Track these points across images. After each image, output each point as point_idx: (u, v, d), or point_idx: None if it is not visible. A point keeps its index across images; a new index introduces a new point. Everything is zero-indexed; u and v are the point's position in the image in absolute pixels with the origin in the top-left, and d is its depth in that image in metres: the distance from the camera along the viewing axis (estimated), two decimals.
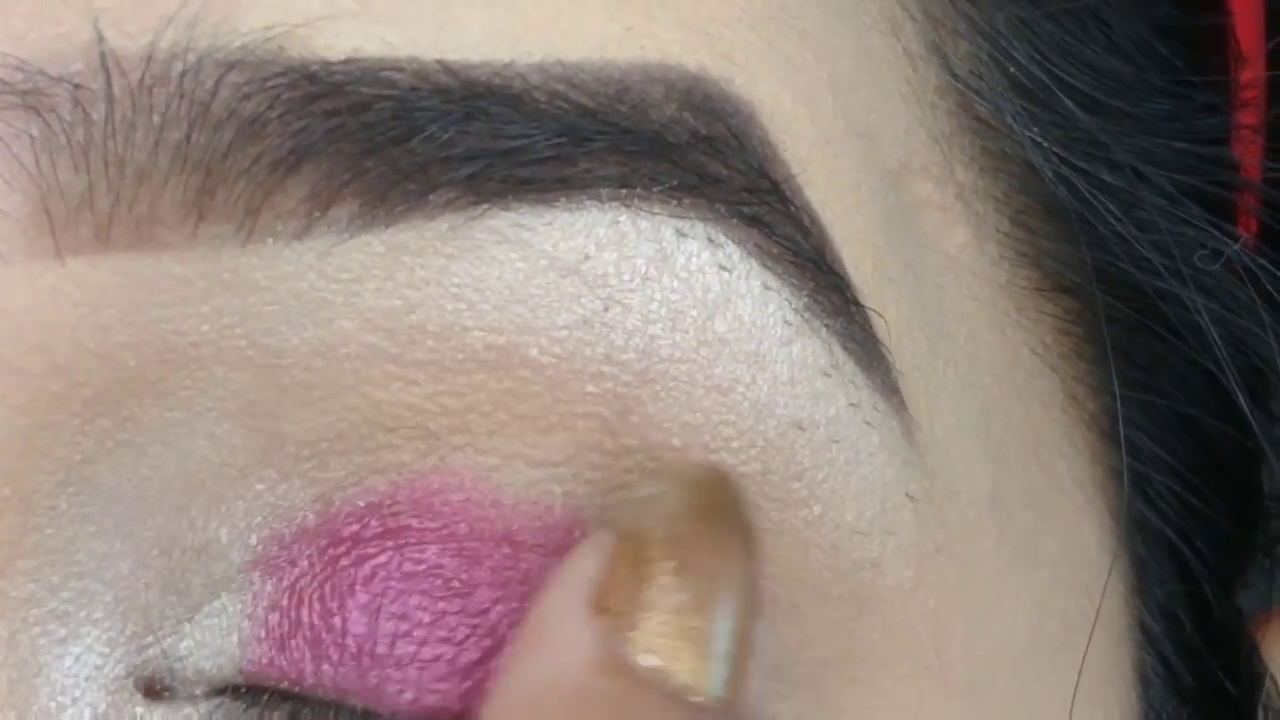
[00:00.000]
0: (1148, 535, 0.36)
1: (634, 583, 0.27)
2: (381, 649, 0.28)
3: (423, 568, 0.28)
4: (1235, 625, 0.37)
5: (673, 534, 0.27)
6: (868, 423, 0.30)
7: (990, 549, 0.32)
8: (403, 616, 0.28)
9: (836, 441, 0.30)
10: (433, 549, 0.28)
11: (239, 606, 0.28)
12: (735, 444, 0.29)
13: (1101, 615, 0.34)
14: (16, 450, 0.27)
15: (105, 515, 0.28)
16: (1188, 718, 0.37)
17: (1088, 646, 0.33)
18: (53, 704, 0.28)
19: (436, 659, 0.28)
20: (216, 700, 0.28)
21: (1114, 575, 0.35)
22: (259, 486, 0.28)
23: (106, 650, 0.28)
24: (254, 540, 0.28)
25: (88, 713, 0.28)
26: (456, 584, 0.28)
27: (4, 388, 0.27)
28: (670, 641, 0.27)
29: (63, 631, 0.28)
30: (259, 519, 0.28)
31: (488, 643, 0.28)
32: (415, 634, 0.28)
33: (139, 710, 0.28)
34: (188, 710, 0.28)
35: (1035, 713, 0.33)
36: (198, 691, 0.28)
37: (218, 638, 0.28)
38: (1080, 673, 0.33)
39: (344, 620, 0.28)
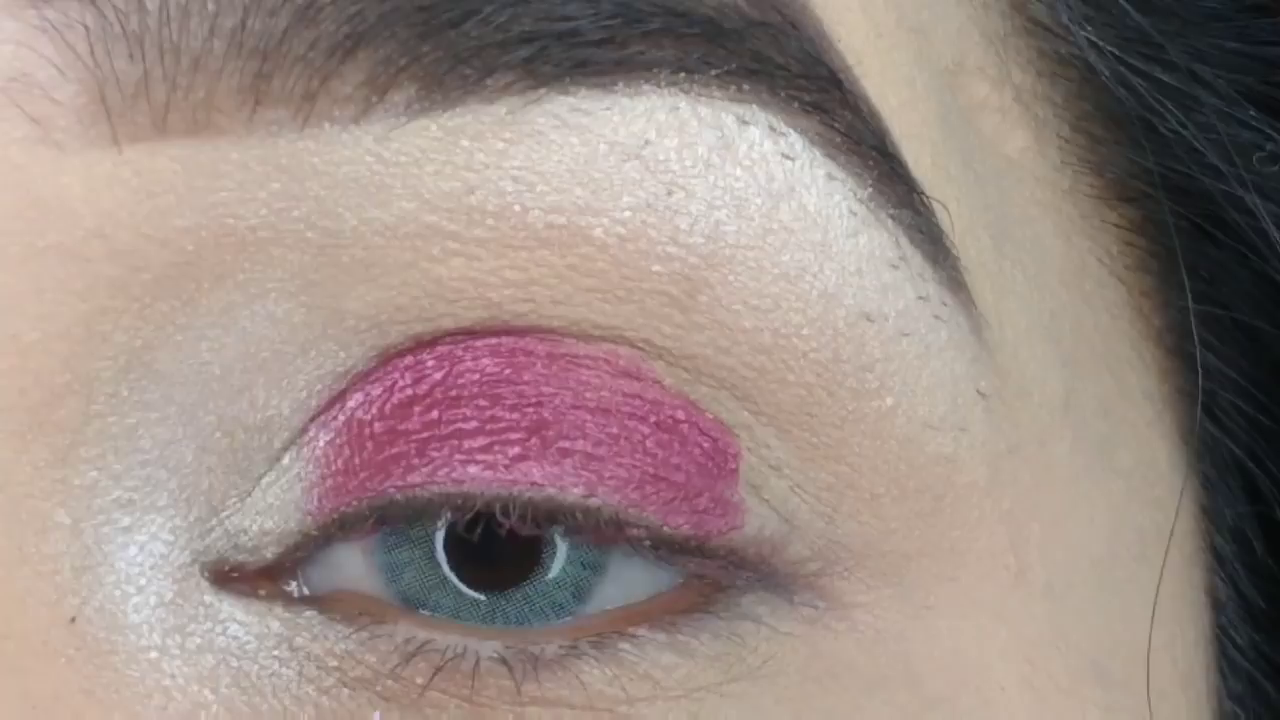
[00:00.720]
0: (1216, 456, 0.35)
1: None
2: (450, 445, 0.28)
3: (478, 376, 0.28)
4: None
5: None
6: (937, 316, 0.29)
7: (1065, 454, 0.32)
8: (467, 417, 0.28)
9: (906, 334, 0.29)
10: (485, 359, 0.28)
11: (299, 457, 0.28)
12: (805, 330, 0.28)
13: (1174, 535, 0.33)
14: (77, 336, 0.27)
15: (167, 401, 0.27)
16: (1260, 641, 0.36)
17: (1164, 561, 0.33)
18: (118, 593, 0.27)
19: (513, 442, 0.28)
20: (278, 584, 0.28)
21: (1184, 495, 0.34)
22: (319, 359, 0.28)
23: (171, 538, 0.28)
24: (314, 403, 0.28)
25: (154, 600, 0.27)
26: (520, 384, 0.28)
27: (63, 273, 0.27)
28: None
29: (127, 520, 0.27)
30: (320, 386, 0.28)
31: (533, 439, 0.28)
32: (486, 428, 0.28)
33: (207, 598, 0.28)
34: (250, 602, 0.28)
35: (1112, 620, 0.32)
36: (269, 555, 0.28)
37: (280, 494, 0.28)
38: (1158, 587, 0.32)
39: (406, 423, 0.28)
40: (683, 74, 0.28)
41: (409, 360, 0.28)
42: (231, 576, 0.28)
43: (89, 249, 0.27)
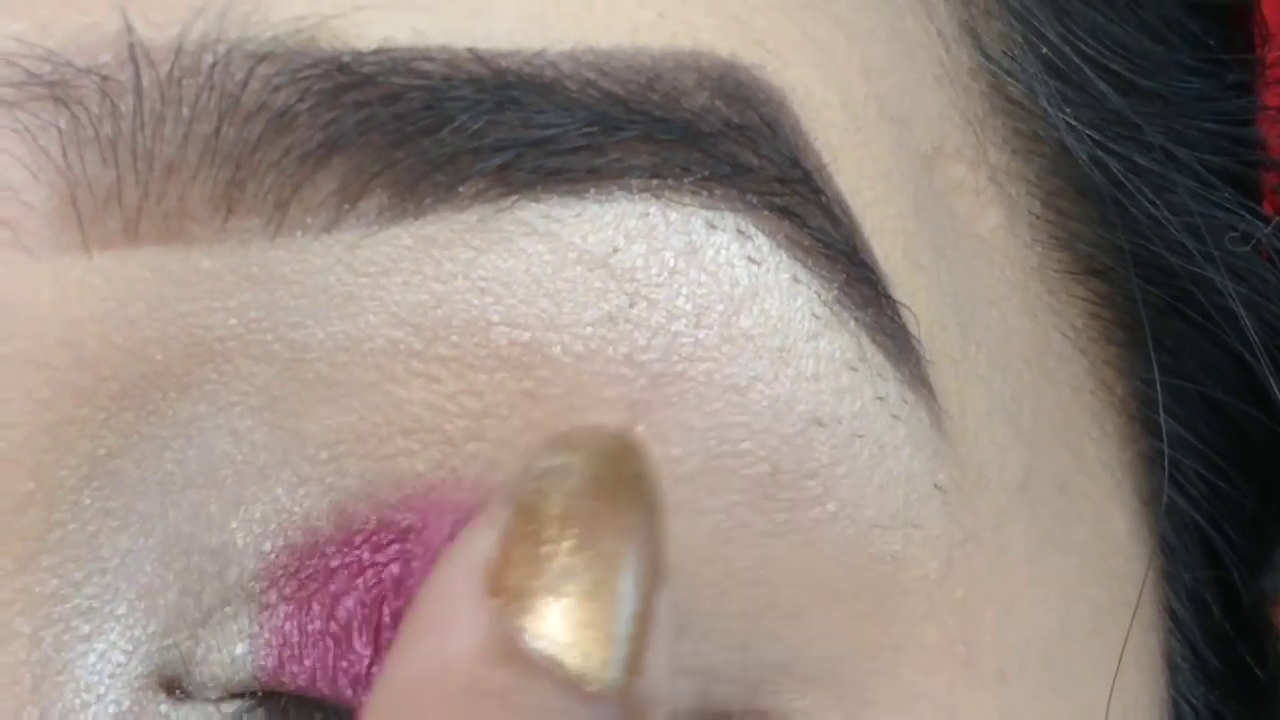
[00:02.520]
0: (1176, 520, 0.36)
1: (531, 563, 0.26)
2: (378, 667, 0.28)
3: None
4: (1263, 609, 0.37)
5: (572, 509, 0.26)
6: (895, 416, 0.29)
7: (1020, 536, 0.32)
8: None
9: (860, 436, 0.29)
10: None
11: (249, 614, 0.28)
12: (744, 445, 0.28)
13: (1133, 601, 0.34)
14: (41, 445, 0.27)
15: (129, 510, 0.27)
16: (1215, 703, 0.36)
17: (1128, 633, 0.33)
18: (77, 701, 0.27)
19: None
20: (236, 703, 0.28)
21: (1143, 561, 0.34)
22: (278, 490, 0.28)
23: (130, 648, 0.28)
24: (267, 547, 0.28)
25: (112, 709, 0.27)
26: None
27: (30, 382, 0.27)
28: (567, 628, 0.26)
29: (86, 628, 0.27)
30: (275, 525, 0.28)
31: None
32: None
33: (163, 709, 0.28)
34: (209, 710, 0.28)
35: (1066, 700, 0.32)
36: (212, 695, 0.28)
37: (231, 643, 0.28)
38: (1120, 659, 0.33)
39: (348, 636, 0.28)
40: (656, 180, 0.28)
41: (364, 536, 0.28)
42: (184, 698, 0.28)
43: (56, 357, 0.27)
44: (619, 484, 0.27)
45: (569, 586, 0.26)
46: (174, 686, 0.28)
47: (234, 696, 0.28)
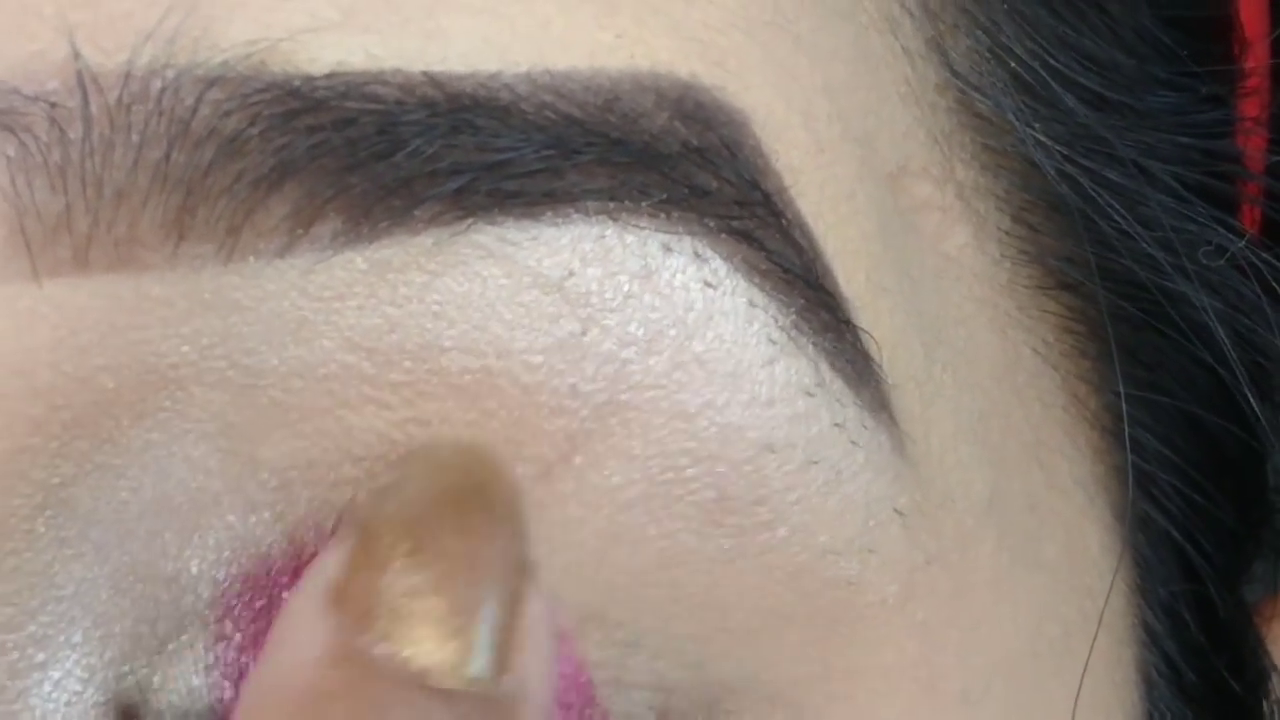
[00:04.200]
0: (1151, 534, 0.35)
1: (368, 572, 0.26)
2: None
3: None
4: (1240, 622, 0.37)
5: (409, 519, 0.26)
6: (853, 441, 0.29)
7: (987, 556, 0.32)
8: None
9: (815, 462, 0.29)
10: None
11: (205, 644, 0.28)
12: (689, 472, 0.28)
13: (1104, 617, 0.33)
14: None
15: (83, 539, 0.27)
16: (1192, 718, 0.36)
17: (1091, 650, 0.33)
18: None
19: None
20: None
21: (1117, 576, 0.34)
22: (230, 517, 0.28)
23: (86, 675, 0.27)
24: (221, 575, 0.28)
25: None
26: None
27: None
28: (408, 626, 0.26)
29: (41, 656, 0.27)
30: (228, 552, 0.28)
31: None
32: None
33: None
34: None
35: (1035, 719, 0.32)
36: None
37: (187, 674, 0.28)
38: (1083, 677, 0.33)
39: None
40: (613, 203, 0.28)
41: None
42: None
43: (7, 387, 0.26)
44: (462, 493, 0.27)
45: (405, 589, 0.26)
46: (131, 715, 0.28)
47: None
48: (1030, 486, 0.33)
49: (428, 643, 0.26)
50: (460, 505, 0.27)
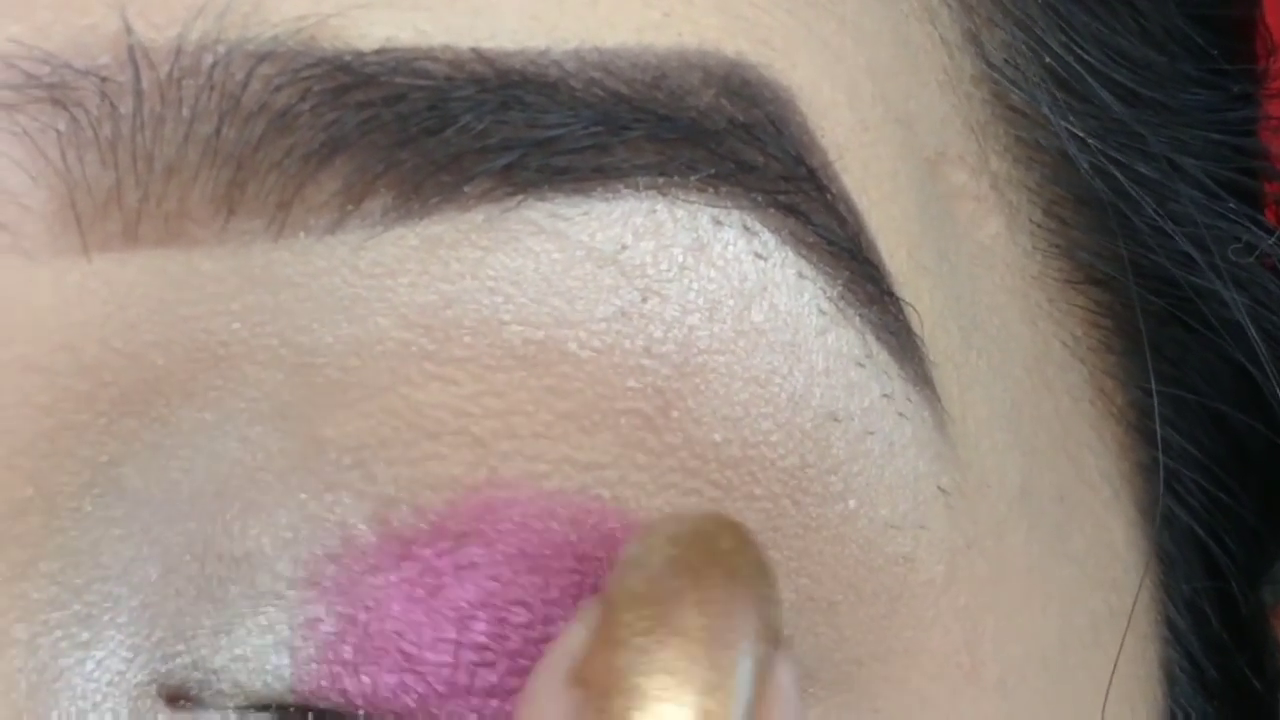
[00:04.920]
0: (1175, 531, 0.36)
1: (609, 649, 0.26)
2: (461, 678, 0.28)
3: (496, 587, 0.28)
4: (1262, 621, 0.37)
5: (648, 591, 0.26)
6: (901, 414, 0.29)
7: (1020, 544, 0.32)
8: (480, 646, 0.28)
9: (871, 433, 0.29)
10: (503, 570, 0.28)
11: (290, 625, 0.28)
12: (774, 437, 0.28)
13: (1132, 613, 0.34)
14: (41, 450, 0.27)
15: (132, 519, 0.27)
16: (1213, 714, 0.36)
17: (1121, 644, 0.33)
18: (73, 709, 0.27)
19: (515, 690, 0.28)
20: (260, 715, 0.28)
21: (1144, 574, 0.34)
22: (302, 495, 0.27)
23: (130, 655, 0.27)
24: (304, 555, 0.28)
25: (108, 718, 0.27)
26: (532, 607, 0.28)
27: (29, 386, 0.26)
28: (648, 705, 0.25)
29: (85, 635, 0.27)
30: (307, 532, 0.28)
31: None
32: (498, 665, 0.28)
33: (161, 718, 0.27)
34: (215, 718, 0.28)
35: (1064, 711, 0.32)
36: (230, 704, 0.28)
37: (264, 654, 0.28)
38: (1113, 672, 0.33)
39: (420, 650, 0.28)
40: (662, 178, 0.28)
41: (415, 546, 0.28)
42: (187, 706, 0.28)
43: (55, 362, 0.26)
44: (703, 561, 0.27)
45: (647, 666, 0.26)
46: (178, 696, 0.28)
47: (258, 708, 0.28)
48: (1059, 478, 0.33)
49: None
50: (701, 577, 0.26)
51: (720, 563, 0.27)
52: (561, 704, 0.26)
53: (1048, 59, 0.32)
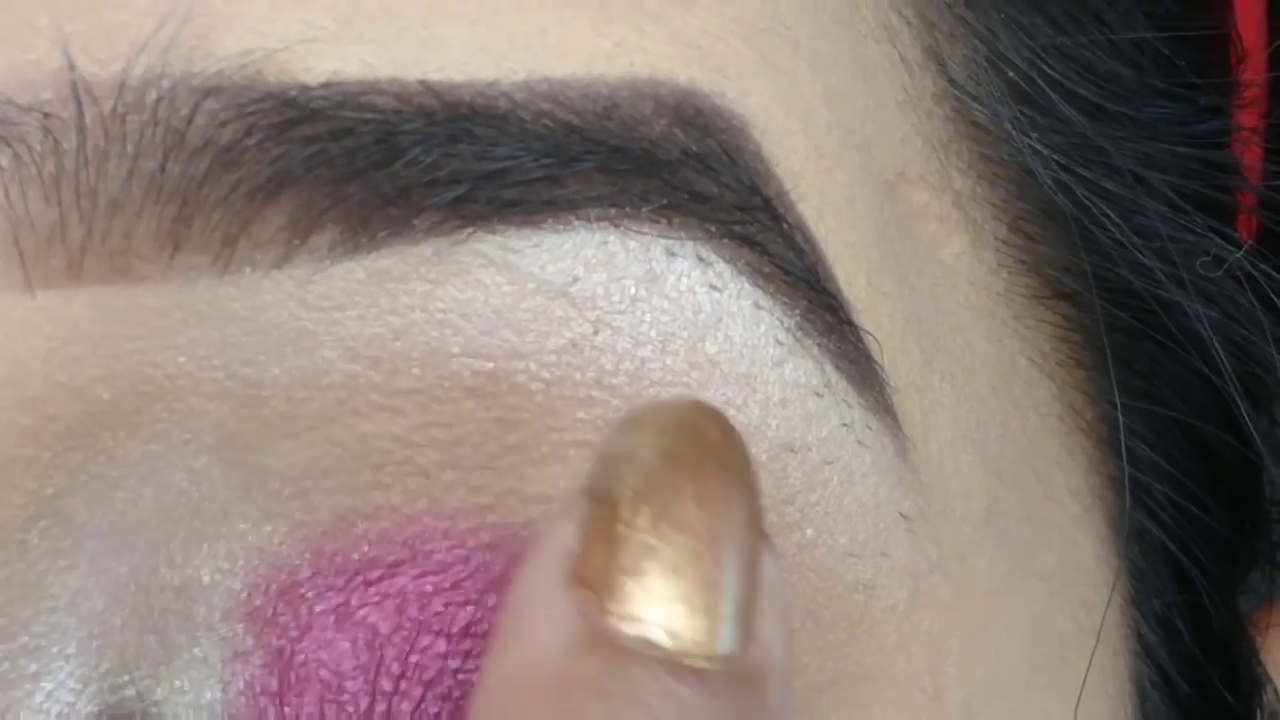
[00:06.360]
0: (1146, 545, 0.35)
1: (608, 547, 0.26)
2: (379, 707, 0.27)
3: (424, 616, 0.28)
4: (1234, 633, 0.37)
5: (645, 486, 0.26)
6: (860, 442, 0.29)
7: (986, 566, 0.31)
8: (403, 676, 0.27)
9: (829, 463, 0.29)
10: (435, 601, 0.28)
11: (220, 658, 0.28)
12: None
13: (1101, 629, 0.33)
14: None
15: (78, 550, 0.27)
16: None
17: (1090, 661, 0.33)
18: None
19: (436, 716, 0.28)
20: None
21: (1113, 590, 0.34)
22: (241, 525, 0.27)
23: (79, 687, 0.27)
24: (238, 586, 0.28)
25: None
26: (463, 636, 0.28)
27: None
28: (655, 605, 0.25)
29: (34, 666, 0.27)
30: (243, 562, 0.27)
31: None
32: (411, 693, 0.27)
33: None
34: None
35: None
36: None
37: (198, 687, 0.28)
38: (1082, 688, 0.32)
39: (340, 680, 0.27)
40: (614, 209, 0.28)
41: (345, 576, 0.28)
42: None
43: (0, 396, 0.26)
44: (695, 454, 0.26)
45: (650, 564, 0.25)
46: None
47: None
48: (1027, 496, 0.33)
49: (676, 620, 0.25)
50: (696, 470, 0.26)
51: (712, 455, 0.26)
52: (563, 606, 0.25)
53: (1010, 74, 0.32)
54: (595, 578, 0.26)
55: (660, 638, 0.25)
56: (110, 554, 0.27)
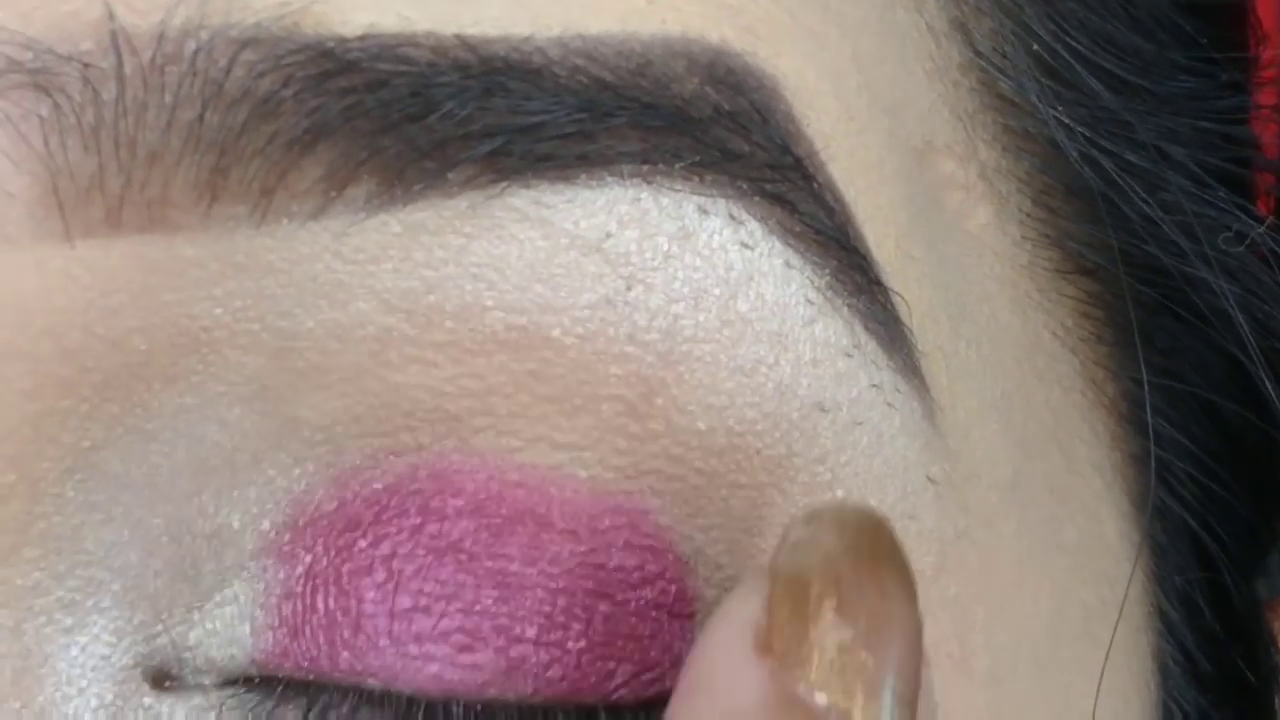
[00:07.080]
0: (1167, 522, 0.35)
1: (798, 622, 0.26)
2: (399, 626, 0.28)
3: (444, 543, 0.28)
4: (1256, 613, 0.37)
5: (831, 574, 0.27)
6: (890, 404, 0.29)
7: (1011, 535, 0.32)
8: (421, 592, 0.28)
9: (859, 423, 0.29)
10: (457, 524, 0.28)
11: (251, 595, 0.28)
12: (759, 426, 0.28)
13: (1124, 604, 0.33)
14: (24, 436, 0.27)
15: (114, 503, 0.27)
16: (1207, 706, 0.36)
17: (1113, 635, 0.33)
18: (58, 694, 0.27)
19: (456, 630, 0.28)
20: (229, 690, 0.28)
21: (1135, 565, 0.34)
22: (271, 472, 0.28)
23: (114, 639, 0.27)
24: (266, 526, 0.28)
25: (94, 703, 0.27)
26: (481, 559, 0.28)
27: (11, 373, 0.26)
28: (841, 678, 0.26)
29: (69, 620, 0.27)
30: (271, 505, 0.28)
31: (509, 621, 0.28)
32: (434, 608, 0.28)
33: (147, 700, 0.27)
34: (198, 700, 0.28)
35: (1055, 702, 0.32)
36: (207, 681, 0.28)
37: (229, 626, 0.28)
38: (1104, 663, 0.32)
39: (359, 602, 0.28)
40: (646, 166, 0.28)
41: (369, 505, 0.28)
42: (172, 687, 0.28)
43: (38, 348, 0.26)
44: (876, 552, 0.27)
45: (838, 640, 0.26)
46: (162, 678, 0.28)
47: (230, 683, 0.28)
48: (1050, 469, 0.33)
49: (862, 696, 0.26)
50: (877, 565, 0.27)
51: (889, 556, 0.27)
52: (752, 673, 0.26)
53: (1035, 46, 0.32)
54: (784, 648, 0.26)
55: (848, 709, 0.26)
56: (144, 507, 0.27)
